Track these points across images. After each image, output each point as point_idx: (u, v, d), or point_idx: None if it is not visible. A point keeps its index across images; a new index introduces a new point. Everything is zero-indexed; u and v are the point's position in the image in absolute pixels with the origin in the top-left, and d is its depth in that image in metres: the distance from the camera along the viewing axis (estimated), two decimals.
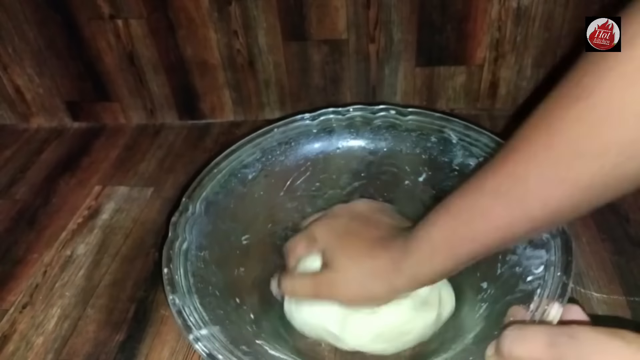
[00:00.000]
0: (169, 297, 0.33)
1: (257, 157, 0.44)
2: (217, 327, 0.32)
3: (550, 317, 0.30)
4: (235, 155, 0.43)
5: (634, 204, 0.49)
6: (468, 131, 0.43)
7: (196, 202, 0.40)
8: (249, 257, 0.42)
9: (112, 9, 0.58)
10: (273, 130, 0.45)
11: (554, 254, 0.33)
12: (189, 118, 0.68)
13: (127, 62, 0.63)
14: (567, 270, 0.32)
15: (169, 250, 0.36)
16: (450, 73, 0.61)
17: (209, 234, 0.39)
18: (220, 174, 0.42)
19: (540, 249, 0.34)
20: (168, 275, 0.34)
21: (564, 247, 0.33)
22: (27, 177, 0.62)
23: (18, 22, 0.60)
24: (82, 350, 0.42)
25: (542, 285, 0.32)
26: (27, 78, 0.65)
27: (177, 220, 0.38)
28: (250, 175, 0.43)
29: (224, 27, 0.59)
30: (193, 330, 0.31)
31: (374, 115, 0.45)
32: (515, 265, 0.35)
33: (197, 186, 0.41)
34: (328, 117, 0.45)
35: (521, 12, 0.55)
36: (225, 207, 0.41)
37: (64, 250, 0.51)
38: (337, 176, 0.47)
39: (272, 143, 0.44)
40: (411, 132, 0.45)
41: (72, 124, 0.70)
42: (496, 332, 0.27)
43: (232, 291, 0.38)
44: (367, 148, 0.46)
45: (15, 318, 0.45)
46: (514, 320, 0.30)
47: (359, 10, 0.56)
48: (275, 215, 0.45)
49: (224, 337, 0.31)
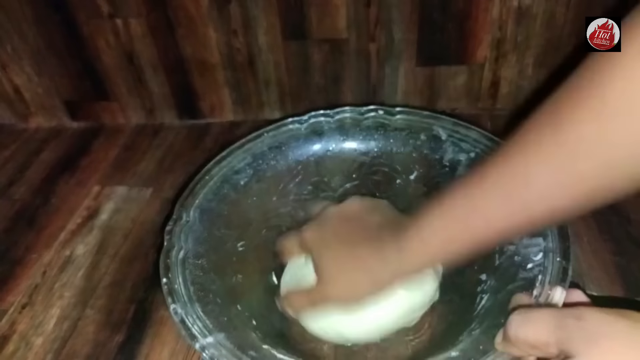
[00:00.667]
0: (171, 307, 0.33)
1: (249, 162, 0.44)
2: (223, 334, 0.32)
3: (554, 300, 0.30)
4: (227, 162, 0.43)
5: (636, 205, 0.49)
6: (456, 127, 0.43)
7: (190, 210, 0.40)
8: (246, 263, 0.42)
9: (111, 8, 0.58)
10: (263, 135, 0.45)
11: (551, 241, 0.34)
12: (188, 118, 0.68)
13: (126, 61, 0.62)
14: (566, 255, 0.33)
15: (166, 259, 0.36)
16: (451, 72, 0.61)
17: (204, 241, 0.39)
18: (212, 181, 0.42)
19: (537, 237, 0.35)
20: (168, 285, 0.34)
21: (560, 233, 0.34)
22: (26, 177, 0.61)
23: (17, 21, 0.60)
24: (81, 351, 0.42)
25: (543, 272, 0.33)
26: (26, 77, 0.65)
27: (172, 228, 0.38)
28: (242, 181, 0.44)
29: (224, 26, 0.58)
30: (199, 339, 0.31)
31: (363, 116, 0.46)
32: (513, 255, 0.36)
33: (190, 193, 0.41)
34: (317, 120, 0.46)
35: (522, 11, 0.55)
36: (219, 214, 0.41)
37: (63, 250, 0.51)
38: (328, 179, 0.47)
39: (262, 148, 0.45)
40: (400, 131, 0.45)
41: (71, 124, 0.69)
42: (503, 320, 0.28)
43: (232, 298, 0.37)
44: (357, 149, 0.46)
45: (15, 318, 0.45)
46: (520, 305, 0.30)
47: (360, 9, 0.56)
48: (269, 221, 0.45)
49: (230, 344, 0.31)
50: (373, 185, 0.47)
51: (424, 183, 0.45)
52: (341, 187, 0.47)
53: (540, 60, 0.58)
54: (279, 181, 0.45)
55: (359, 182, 0.47)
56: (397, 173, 0.46)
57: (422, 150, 0.45)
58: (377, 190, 0.47)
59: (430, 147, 0.44)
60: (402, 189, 0.46)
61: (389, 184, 0.46)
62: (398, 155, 0.46)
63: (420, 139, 0.44)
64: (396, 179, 0.46)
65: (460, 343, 0.32)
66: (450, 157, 0.43)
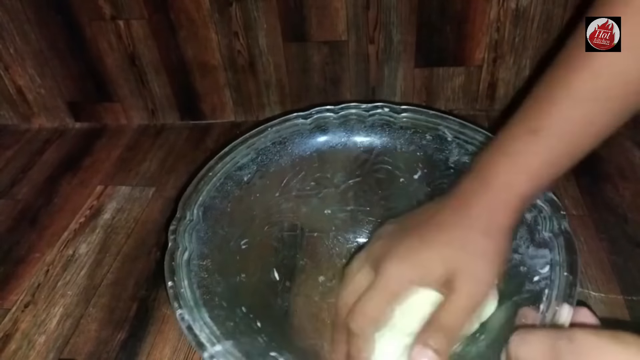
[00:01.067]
0: (177, 313, 0.32)
1: (252, 158, 0.43)
2: (230, 341, 0.31)
3: (561, 319, 0.29)
4: (230, 157, 0.42)
5: (633, 204, 0.49)
6: (464, 129, 0.42)
7: (193, 208, 0.39)
8: (249, 262, 0.41)
9: (113, 10, 0.59)
10: (267, 130, 0.44)
11: (558, 254, 0.33)
12: (190, 118, 0.68)
13: (128, 62, 0.63)
14: (574, 270, 0.32)
15: (171, 261, 0.34)
16: (449, 74, 0.61)
17: (208, 241, 0.38)
18: (216, 177, 0.41)
19: (544, 248, 0.34)
20: (173, 289, 0.33)
21: (567, 246, 0.33)
22: (28, 177, 0.62)
23: (20, 22, 0.61)
24: (84, 349, 0.42)
25: (550, 286, 0.31)
26: (28, 78, 0.66)
27: (176, 228, 0.37)
28: (246, 177, 0.43)
29: (225, 28, 0.59)
30: (207, 348, 0.30)
31: (368, 113, 0.45)
32: (519, 265, 0.35)
33: (193, 191, 0.40)
34: (321, 116, 0.45)
35: (520, 13, 0.55)
36: (222, 212, 0.40)
37: (66, 249, 0.52)
38: (331, 175, 0.46)
39: (266, 143, 0.44)
40: (406, 130, 0.44)
41: (74, 125, 0.70)
42: (510, 334, 0.27)
43: (237, 300, 0.37)
44: (361, 146, 0.45)
45: (18, 317, 0.45)
46: (524, 324, 0.30)
47: (359, 11, 0.57)
48: (271, 217, 0.45)
49: (239, 352, 0.30)
50: (375, 182, 0.46)
51: (427, 183, 0.44)
52: (344, 183, 0.47)
53: (537, 62, 0.59)
54: (282, 177, 0.45)
55: (361, 179, 0.46)
56: (401, 171, 0.45)
57: (426, 150, 0.44)
58: (380, 188, 0.46)
59: (436, 147, 0.43)
60: (404, 188, 0.45)
61: (392, 182, 0.46)
62: (402, 153, 0.44)
63: (425, 138, 0.43)
64: (399, 177, 0.45)
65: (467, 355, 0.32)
66: (455, 159, 0.42)
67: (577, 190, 0.51)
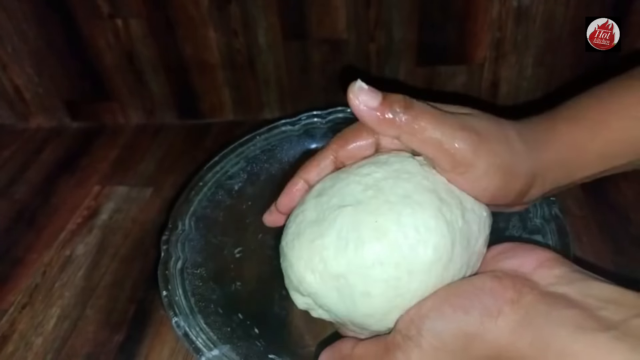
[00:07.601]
0: (173, 320, 0.32)
1: (242, 167, 0.44)
2: (228, 346, 0.31)
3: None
4: (220, 167, 0.43)
5: (636, 204, 0.49)
6: None
7: (185, 218, 0.39)
8: (244, 270, 0.42)
9: (111, 8, 0.58)
10: (255, 138, 0.45)
11: (550, 239, 0.34)
12: (188, 118, 0.68)
13: (126, 61, 0.62)
14: (567, 253, 0.33)
15: (165, 270, 0.35)
16: (450, 72, 0.61)
17: (202, 250, 0.39)
18: (206, 187, 0.42)
19: (536, 234, 0.35)
20: (168, 298, 0.33)
21: (558, 230, 0.34)
22: (26, 177, 0.61)
23: (17, 21, 0.60)
24: (81, 350, 0.42)
25: None
26: (26, 77, 0.65)
27: (168, 238, 0.37)
28: (237, 185, 0.43)
29: (224, 26, 0.59)
30: (205, 353, 0.31)
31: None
32: None
33: (185, 201, 0.40)
34: (309, 122, 0.46)
35: (522, 11, 0.55)
36: (214, 221, 0.41)
37: (64, 250, 0.51)
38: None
39: (255, 151, 0.45)
40: None
41: (72, 124, 0.70)
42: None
43: (233, 307, 0.37)
44: None
45: (15, 318, 0.45)
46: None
47: (359, 9, 0.56)
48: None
49: (237, 356, 0.31)
50: None
51: None
52: None
53: (539, 60, 0.58)
54: (272, 184, 0.45)
55: None
56: None
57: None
58: None
59: None
60: None
61: None
62: None
63: None
64: None
65: None
66: None
67: (580, 190, 0.51)
